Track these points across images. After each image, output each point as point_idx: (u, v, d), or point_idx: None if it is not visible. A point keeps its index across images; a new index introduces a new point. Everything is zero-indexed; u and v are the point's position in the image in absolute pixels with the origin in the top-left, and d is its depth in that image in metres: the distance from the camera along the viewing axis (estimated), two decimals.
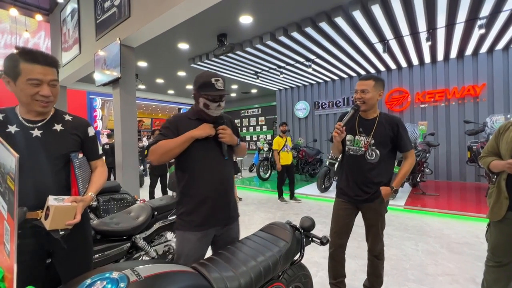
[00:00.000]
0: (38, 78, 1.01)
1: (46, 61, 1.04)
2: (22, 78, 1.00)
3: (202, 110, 1.27)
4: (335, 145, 1.77)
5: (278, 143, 4.91)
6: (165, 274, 0.76)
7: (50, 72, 1.05)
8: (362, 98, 1.66)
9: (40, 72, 1.02)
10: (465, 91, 6.07)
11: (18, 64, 0.99)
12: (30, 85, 1.01)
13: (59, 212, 0.96)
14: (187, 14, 3.14)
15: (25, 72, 1.00)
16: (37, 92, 1.03)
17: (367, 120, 1.73)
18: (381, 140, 1.67)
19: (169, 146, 1.20)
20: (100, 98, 10.86)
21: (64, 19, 5.63)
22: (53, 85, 1.07)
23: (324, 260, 2.52)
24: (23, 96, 1.03)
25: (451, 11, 3.84)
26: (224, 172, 1.33)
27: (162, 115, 18.77)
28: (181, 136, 1.22)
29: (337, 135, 1.62)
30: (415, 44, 5.17)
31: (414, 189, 5.36)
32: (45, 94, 1.04)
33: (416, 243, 2.93)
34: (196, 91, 1.27)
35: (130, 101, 3.97)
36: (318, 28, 4.38)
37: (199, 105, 1.27)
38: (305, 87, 8.75)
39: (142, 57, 6.03)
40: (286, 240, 1.19)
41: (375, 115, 1.73)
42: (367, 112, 1.73)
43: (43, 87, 1.04)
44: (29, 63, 1.00)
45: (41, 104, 1.06)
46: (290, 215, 4.13)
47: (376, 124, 1.69)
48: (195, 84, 1.29)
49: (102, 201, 2.57)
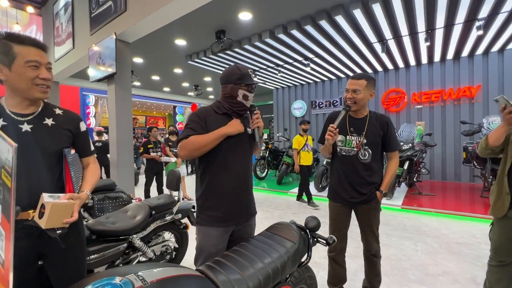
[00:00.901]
0: (36, 60, 0.98)
1: (39, 44, 1.01)
2: (19, 61, 0.94)
3: (240, 102, 1.29)
4: (327, 147, 1.71)
5: (298, 142, 4.64)
6: (172, 279, 0.70)
7: (44, 55, 1.02)
8: (354, 98, 1.62)
9: (37, 54, 0.98)
10: (461, 92, 6.13)
11: (11, 48, 0.93)
12: (29, 68, 0.96)
13: (56, 209, 0.89)
14: (185, 9, 3.06)
15: (21, 55, 0.95)
16: (37, 75, 0.98)
17: (358, 119, 1.70)
18: (373, 139, 1.65)
19: (201, 142, 1.19)
20: (93, 95, 10.65)
21: (57, 13, 5.47)
22: (49, 68, 1.04)
23: (324, 260, 2.49)
24: (22, 81, 0.97)
25: (451, 12, 3.85)
26: (248, 167, 1.36)
27: (157, 112, 18.57)
28: (214, 132, 1.22)
29: (331, 138, 1.55)
30: (413, 44, 5.18)
31: (410, 189, 5.39)
32: (45, 76, 1.00)
33: (415, 243, 2.93)
34: (234, 84, 1.28)
35: (126, 97, 3.87)
36: (318, 26, 4.35)
37: (238, 97, 1.29)
38: (302, 86, 8.74)
39: (138, 53, 5.91)
40: (293, 241, 1.15)
41: (365, 114, 1.71)
42: (357, 111, 1.70)
43: (42, 69, 1.00)
44: (24, 45, 0.96)
45: (42, 89, 1.01)
46: (288, 215, 4.10)
47: (367, 123, 1.67)
48: (230, 78, 1.29)
49: (97, 199, 2.49)
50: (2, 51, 0.94)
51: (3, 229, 0.60)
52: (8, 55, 0.94)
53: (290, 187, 5.97)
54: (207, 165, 1.29)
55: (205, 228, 1.27)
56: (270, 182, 6.69)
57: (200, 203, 1.31)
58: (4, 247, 0.58)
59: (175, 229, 2.25)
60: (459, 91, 6.15)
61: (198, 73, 7.63)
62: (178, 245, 2.30)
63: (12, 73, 0.95)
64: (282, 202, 4.92)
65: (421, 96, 6.65)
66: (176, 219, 2.19)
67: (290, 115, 9.04)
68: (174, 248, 2.25)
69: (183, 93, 11.36)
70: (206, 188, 1.29)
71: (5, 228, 0.59)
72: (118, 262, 1.79)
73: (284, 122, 9.17)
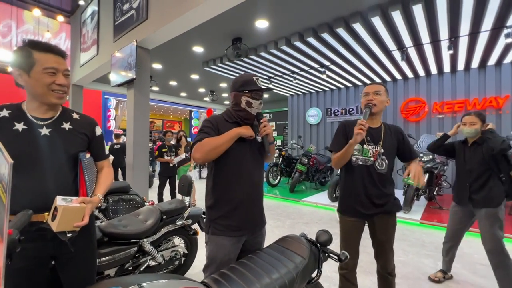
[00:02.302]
0: (54, 67, 1.01)
1: (58, 51, 1.04)
2: (37, 67, 0.99)
3: (244, 110, 1.28)
4: (348, 151, 1.53)
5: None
6: None
7: (63, 62, 1.05)
8: (375, 100, 1.59)
9: (55, 61, 1.02)
10: (486, 102, 5.81)
11: (31, 54, 0.98)
12: (46, 75, 1.00)
13: (67, 213, 0.91)
14: (203, 17, 3.14)
15: (39, 62, 0.99)
16: (53, 81, 1.02)
17: (374, 128, 1.65)
18: (389, 149, 1.62)
19: (216, 143, 1.19)
20: (114, 98, 11.11)
21: (84, 21, 5.79)
22: (66, 75, 1.07)
23: (336, 275, 2.39)
24: (39, 86, 1.01)
25: (476, 19, 3.68)
26: (260, 175, 1.34)
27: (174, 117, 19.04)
28: (227, 133, 1.22)
29: (362, 132, 1.43)
30: (435, 52, 5.00)
31: (430, 202, 5.13)
32: (61, 83, 1.04)
33: (435, 261, 2.75)
34: (237, 91, 1.29)
35: (144, 102, 3.99)
36: (335, 34, 4.30)
37: (241, 104, 1.28)
38: (317, 93, 8.64)
39: (157, 59, 6.11)
40: (303, 256, 1.10)
41: (380, 124, 1.68)
42: (373, 119, 1.65)
43: (59, 76, 1.04)
44: (43, 52, 1.00)
45: (58, 94, 1.05)
46: (300, 224, 4.01)
47: (384, 132, 1.63)
48: (234, 86, 1.31)
49: (111, 201, 2.55)
50: (23, 57, 0.98)
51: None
52: (28, 62, 0.98)
53: (302, 196, 5.85)
54: (220, 173, 1.28)
55: (218, 238, 1.24)
56: (282, 190, 6.61)
57: (212, 211, 1.29)
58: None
59: (185, 234, 2.25)
60: (485, 101, 5.83)
61: (214, 79, 7.76)
62: (188, 251, 2.30)
63: (31, 78, 0.99)
64: (294, 211, 4.83)
65: (443, 105, 6.36)
66: (186, 225, 2.19)
67: (304, 122, 8.94)
68: (183, 254, 2.25)
69: (199, 99, 11.58)
70: (219, 197, 1.28)
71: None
72: (128, 265, 1.81)
73: (299, 129, 9.09)
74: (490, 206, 2.03)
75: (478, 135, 2.15)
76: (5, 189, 0.45)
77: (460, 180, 2.24)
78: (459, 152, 2.27)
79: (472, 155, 2.16)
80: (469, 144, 2.21)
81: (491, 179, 2.06)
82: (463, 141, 2.28)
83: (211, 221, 1.28)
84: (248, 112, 1.29)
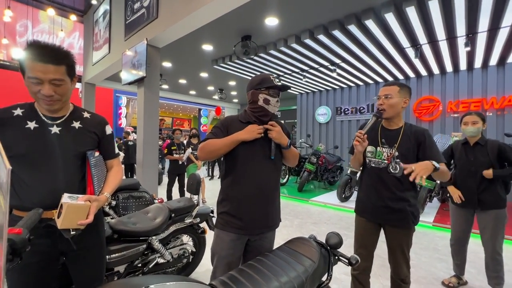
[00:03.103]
0: (37, 77, 0.94)
1: (49, 59, 0.95)
2: (27, 74, 0.96)
3: (261, 107, 1.29)
4: (356, 157, 1.63)
5: None
6: None
7: (52, 70, 0.96)
8: (384, 104, 1.53)
9: (40, 70, 0.94)
10: (505, 101, 5.58)
11: (25, 59, 0.95)
12: (31, 83, 0.96)
13: (71, 210, 0.91)
14: (213, 16, 3.12)
15: (27, 70, 0.95)
16: (38, 90, 0.97)
17: (390, 130, 1.59)
18: (405, 152, 1.51)
19: (216, 145, 1.26)
20: (125, 96, 11.31)
21: (96, 20, 5.89)
22: (55, 84, 0.98)
23: (345, 277, 2.35)
24: (30, 93, 1.00)
25: (496, 14, 3.52)
26: (267, 177, 1.31)
27: (183, 114, 19.24)
28: (228, 137, 1.26)
29: (358, 144, 1.47)
30: (450, 49, 4.82)
31: (443, 204, 4.98)
32: (45, 93, 0.97)
33: (448, 265, 2.66)
34: (255, 89, 1.30)
35: (154, 100, 4.02)
36: (346, 31, 4.21)
37: (259, 101, 1.28)
38: (327, 92, 8.52)
39: (167, 57, 6.15)
40: (313, 259, 1.08)
41: (399, 125, 1.58)
42: (390, 121, 1.59)
43: (44, 86, 0.96)
44: (31, 60, 0.94)
45: (45, 102, 1.00)
46: (308, 225, 3.97)
47: (401, 135, 1.54)
48: (251, 84, 1.33)
49: (122, 198, 2.59)
50: (20, 62, 0.97)
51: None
52: (22, 67, 0.97)
53: (311, 195, 5.80)
54: (228, 172, 1.33)
55: (219, 232, 1.32)
56: (290, 189, 6.57)
57: (219, 206, 1.36)
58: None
59: (193, 233, 2.26)
60: (504, 100, 5.60)
61: (223, 77, 7.77)
62: (196, 249, 2.31)
63: (26, 82, 0.99)
64: (303, 210, 4.78)
65: (458, 104, 6.16)
66: (194, 223, 2.19)
67: (314, 121, 8.84)
68: (191, 252, 2.25)
69: (208, 97, 11.63)
70: (226, 193, 1.33)
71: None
72: (137, 263, 1.83)
73: (308, 128, 9.00)
74: (499, 207, 2.04)
75: (479, 135, 2.12)
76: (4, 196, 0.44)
77: (465, 183, 2.17)
78: (461, 154, 2.20)
79: (477, 156, 2.11)
80: (471, 144, 2.16)
81: (496, 179, 2.05)
82: (464, 143, 2.22)
83: (217, 214, 1.36)
84: (266, 110, 1.30)
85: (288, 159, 1.41)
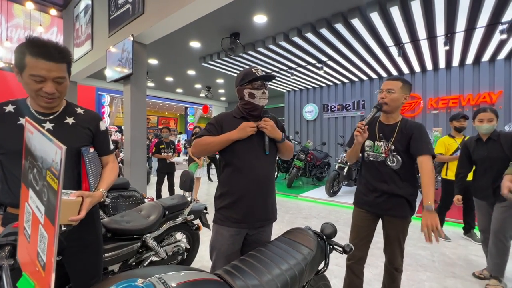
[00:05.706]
0: (41, 75, 0.94)
1: (53, 57, 0.95)
2: (27, 71, 0.94)
3: (248, 102, 1.31)
4: (354, 148, 1.65)
5: (446, 146, 3.16)
6: (192, 283, 0.69)
7: (56, 68, 0.96)
8: (386, 98, 1.58)
9: (44, 68, 0.94)
10: (480, 98, 5.91)
11: (25, 56, 0.93)
12: (33, 81, 0.95)
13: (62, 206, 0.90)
14: (200, 12, 3.09)
15: (29, 67, 0.93)
16: (40, 88, 0.96)
17: (388, 125, 1.65)
18: (400, 147, 1.57)
19: (209, 143, 1.28)
20: (108, 95, 10.94)
21: (77, 15, 5.66)
22: (58, 82, 0.99)
23: (337, 268, 2.44)
24: (28, 90, 0.98)
25: (473, 15, 3.73)
26: (264, 171, 1.33)
27: (169, 113, 18.88)
28: (221, 136, 1.29)
29: (359, 135, 1.51)
30: (431, 48, 5.05)
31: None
32: (48, 91, 0.97)
33: (431, 253, 2.82)
34: (240, 86, 1.32)
35: (141, 98, 3.94)
36: (333, 30, 4.30)
37: (245, 97, 1.31)
38: (314, 89, 8.66)
39: (153, 54, 6.03)
40: (311, 248, 1.12)
41: (396, 120, 1.64)
42: (388, 116, 1.65)
43: (47, 83, 0.96)
44: (34, 57, 0.92)
45: (45, 100, 1.00)
46: (299, 219, 4.05)
47: (398, 129, 1.60)
48: (236, 82, 1.35)
49: (111, 198, 2.53)
50: (19, 57, 0.94)
51: (46, 232, 0.60)
52: (21, 63, 0.94)
53: (300, 191, 5.90)
54: (226, 167, 1.35)
55: (218, 227, 1.33)
56: (280, 185, 6.65)
57: (217, 202, 1.37)
58: (47, 250, 0.57)
59: (187, 230, 2.26)
60: (479, 96, 5.93)
61: (210, 75, 7.71)
62: (190, 246, 2.30)
63: (23, 80, 0.96)
64: (293, 205, 4.86)
65: (438, 101, 6.46)
66: (188, 220, 2.19)
67: (301, 118, 8.97)
68: (185, 249, 2.25)
69: (195, 95, 11.49)
70: (223, 189, 1.34)
71: (48, 231, 0.58)
72: (132, 261, 1.81)
73: (296, 125, 9.12)
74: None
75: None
76: (57, 176, 0.46)
77: (482, 178, 2.21)
78: (477, 151, 2.25)
79: (491, 151, 2.14)
80: (483, 140, 2.20)
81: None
82: (477, 139, 2.27)
83: (215, 210, 1.37)
84: (253, 104, 1.31)
85: (283, 152, 1.44)
